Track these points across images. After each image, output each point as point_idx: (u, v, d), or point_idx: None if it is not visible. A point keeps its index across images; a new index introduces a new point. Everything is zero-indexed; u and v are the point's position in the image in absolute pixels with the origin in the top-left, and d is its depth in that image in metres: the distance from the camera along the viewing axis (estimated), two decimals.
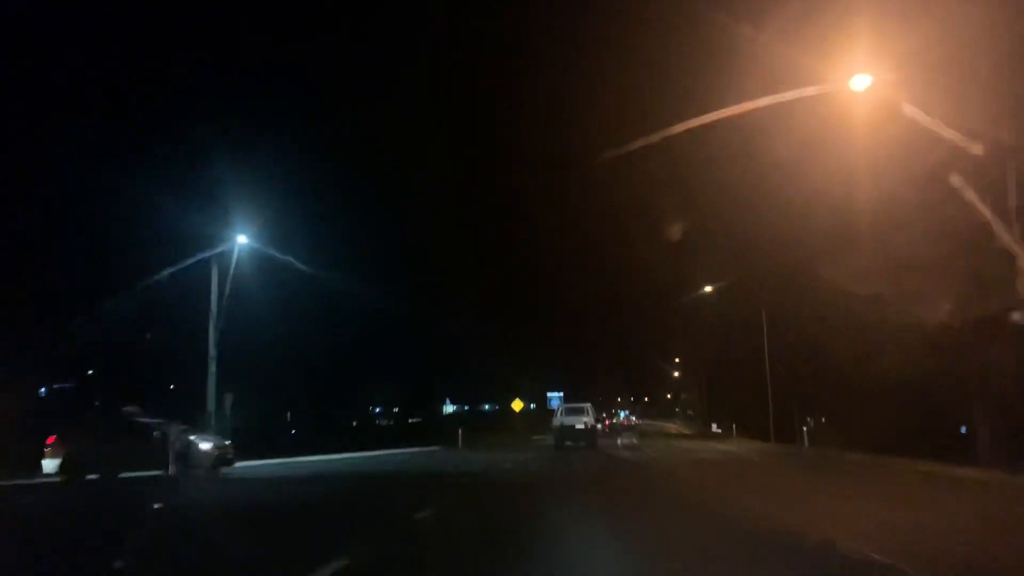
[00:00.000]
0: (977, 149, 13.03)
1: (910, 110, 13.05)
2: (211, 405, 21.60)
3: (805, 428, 30.78)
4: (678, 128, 14.79)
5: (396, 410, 66.90)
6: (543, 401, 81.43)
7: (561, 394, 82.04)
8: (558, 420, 30.39)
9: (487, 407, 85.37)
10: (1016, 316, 14.04)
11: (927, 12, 12.87)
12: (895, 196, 16.43)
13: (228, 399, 22.82)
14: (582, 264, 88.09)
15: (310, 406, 48.94)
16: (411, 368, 63.21)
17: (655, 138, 15.19)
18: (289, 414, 49.68)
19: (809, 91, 13.48)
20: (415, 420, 66.15)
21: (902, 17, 12.80)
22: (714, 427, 47.50)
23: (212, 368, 21.73)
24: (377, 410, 66.06)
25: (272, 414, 45.64)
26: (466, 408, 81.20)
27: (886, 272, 18.26)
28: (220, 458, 17.06)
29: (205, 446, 16.77)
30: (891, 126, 13.73)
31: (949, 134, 12.97)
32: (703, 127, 14.80)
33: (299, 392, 46.46)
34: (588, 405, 32.12)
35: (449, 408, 77.83)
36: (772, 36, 14.01)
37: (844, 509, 10.45)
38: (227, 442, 17.91)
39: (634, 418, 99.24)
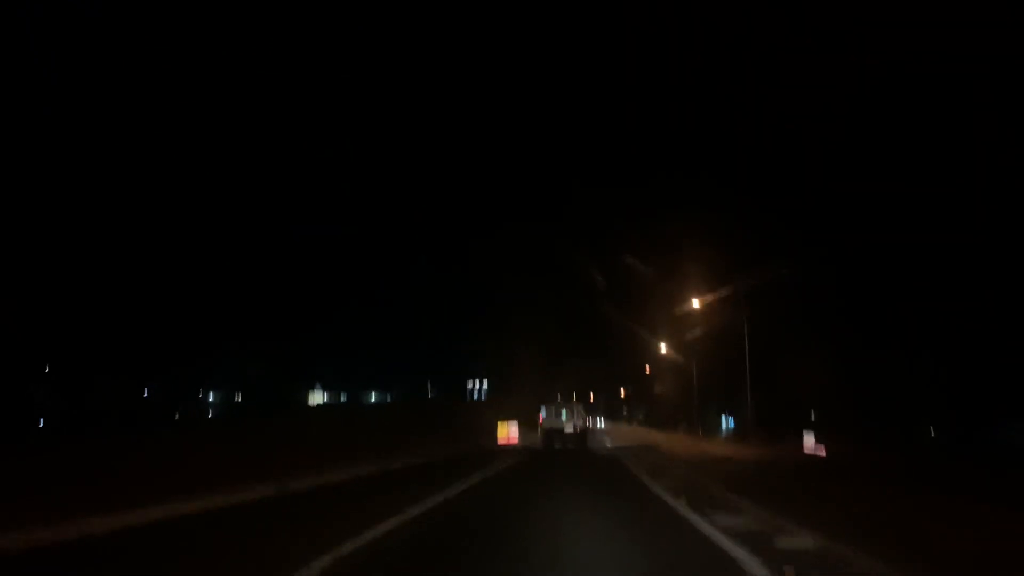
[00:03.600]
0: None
1: None
2: None
3: None
4: None
5: (239, 397, 55.15)
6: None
7: (486, 381, 71.58)
8: (548, 422, 31.58)
9: (373, 395, 73.91)
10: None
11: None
12: None
13: None
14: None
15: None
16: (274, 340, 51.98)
17: None
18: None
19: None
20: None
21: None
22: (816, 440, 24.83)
23: None
24: (210, 396, 54.48)
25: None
26: (344, 398, 68.71)
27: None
28: None
29: None
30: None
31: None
32: None
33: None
34: (580, 406, 32.65)
35: (318, 397, 65.44)
36: None
37: None
38: None
39: (602, 421, 65.53)
